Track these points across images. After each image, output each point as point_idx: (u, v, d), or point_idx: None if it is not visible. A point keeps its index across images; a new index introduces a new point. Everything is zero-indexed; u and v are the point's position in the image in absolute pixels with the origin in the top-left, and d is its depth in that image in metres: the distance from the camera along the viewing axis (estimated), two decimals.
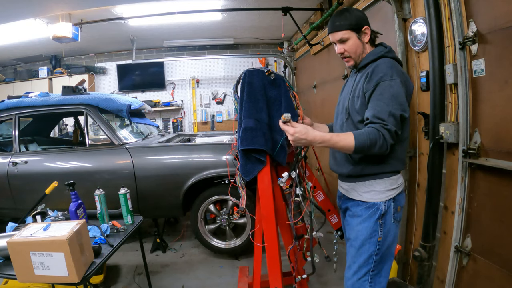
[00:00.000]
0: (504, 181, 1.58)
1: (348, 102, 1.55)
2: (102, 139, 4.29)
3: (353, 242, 1.55)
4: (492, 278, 1.66)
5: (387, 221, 1.49)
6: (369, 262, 1.50)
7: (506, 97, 1.56)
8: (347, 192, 1.61)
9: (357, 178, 1.53)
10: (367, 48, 1.54)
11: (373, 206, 1.49)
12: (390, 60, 1.47)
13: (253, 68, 1.96)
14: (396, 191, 1.51)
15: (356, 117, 1.50)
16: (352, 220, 1.57)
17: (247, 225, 3.02)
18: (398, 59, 1.53)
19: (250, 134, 1.85)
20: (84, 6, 3.79)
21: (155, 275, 2.81)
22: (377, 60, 1.49)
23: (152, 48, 6.28)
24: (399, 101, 1.36)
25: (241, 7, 4.13)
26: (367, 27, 1.51)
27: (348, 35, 1.51)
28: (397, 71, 1.42)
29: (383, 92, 1.37)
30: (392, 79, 1.38)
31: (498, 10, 1.56)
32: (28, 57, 5.92)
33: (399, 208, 1.53)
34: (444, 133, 1.89)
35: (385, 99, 1.36)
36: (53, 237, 1.46)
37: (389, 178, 1.49)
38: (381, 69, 1.41)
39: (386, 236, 1.50)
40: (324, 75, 4.19)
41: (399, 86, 1.38)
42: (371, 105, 1.40)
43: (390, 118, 1.34)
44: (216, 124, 6.40)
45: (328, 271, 2.71)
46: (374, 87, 1.40)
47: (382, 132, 1.33)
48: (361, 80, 1.48)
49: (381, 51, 1.51)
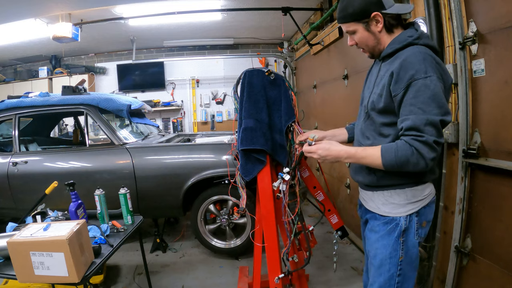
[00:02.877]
0: (504, 181, 1.58)
1: (368, 100, 1.31)
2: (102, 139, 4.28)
3: (372, 260, 1.36)
4: (492, 278, 1.66)
5: (409, 238, 1.28)
6: (391, 283, 1.30)
7: (506, 97, 1.56)
8: (365, 202, 1.42)
9: (375, 188, 1.33)
10: (383, 38, 1.27)
11: (392, 222, 1.28)
12: (420, 48, 1.17)
13: (253, 68, 1.96)
14: (421, 203, 1.27)
15: (378, 118, 1.27)
16: (370, 234, 1.37)
17: (247, 225, 3.02)
18: (432, 45, 1.23)
19: (250, 134, 1.85)
20: (84, 6, 3.79)
21: (155, 275, 2.81)
22: (404, 48, 1.21)
23: (152, 48, 6.28)
24: (438, 104, 1.11)
25: (241, 7, 4.13)
26: (376, 13, 1.21)
27: (353, 28, 1.27)
28: (431, 63, 1.14)
29: (417, 94, 1.12)
30: (427, 76, 1.11)
31: (498, 10, 1.56)
32: (28, 57, 5.92)
33: (425, 223, 1.30)
34: (444, 133, 1.90)
35: (420, 103, 1.11)
36: (53, 237, 1.46)
37: (411, 188, 1.26)
38: (411, 64, 1.14)
39: (408, 254, 1.29)
40: (324, 75, 4.18)
41: (436, 84, 1.11)
42: (403, 112, 1.15)
43: (427, 128, 1.10)
44: (216, 124, 6.40)
45: (328, 271, 2.71)
46: (405, 89, 1.14)
47: (415, 147, 1.10)
48: (386, 75, 1.23)
49: (410, 36, 1.21)
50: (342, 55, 3.49)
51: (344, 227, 2.26)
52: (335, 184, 3.79)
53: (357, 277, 2.62)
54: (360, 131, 1.39)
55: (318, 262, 2.86)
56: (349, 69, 3.32)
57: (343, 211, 3.51)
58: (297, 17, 4.12)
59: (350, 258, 2.94)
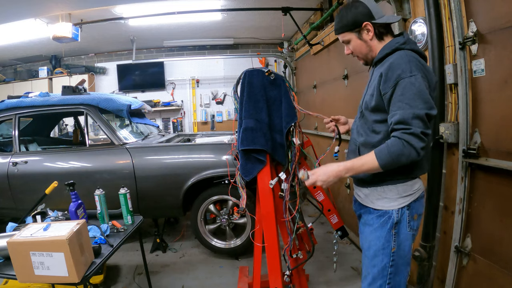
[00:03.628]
0: (504, 181, 1.58)
1: (363, 100, 1.46)
2: (102, 139, 4.28)
3: (366, 252, 1.47)
4: (492, 278, 1.66)
5: (401, 230, 1.38)
6: (384, 274, 1.40)
7: (506, 97, 1.56)
8: (360, 199, 1.53)
9: (370, 184, 1.44)
10: (374, 45, 1.41)
11: (384, 215, 1.39)
12: (406, 52, 1.31)
13: (253, 68, 1.96)
14: (411, 197, 1.38)
15: (371, 116, 1.39)
16: (364, 228, 1.50)
17: (247, 225, 3.02)
18: (418, 50, 1.36)
19: (250, 134, 1.85)
20: (84, 6, 3.79)
21: (155, 275, 2.81)
22: (392, 53, 1.35)
23: (152, 48, 6.28)
24: (423, 99, 1.23)
25: (241, 7, 4.13)
26: (367, 23, 1.37)
27: (348, 37, 1.43)
28: (416, 64, 1.26)
29: (404, 91, 1.24)
30: (412, 75, 1.24)
31: (498, 10, 1.56)
32: (28, 57, 5.92)
33: (416, 216, 1.41)
34: (444, 133, 1.89)
35: (407, 99, 1.23)
36: (53, 237, 1.46)
37: (402, 184, 1.38)
38: (397, 65, 1.27)
39: (400, 246, 1.39)
40: (324, 75, 4.18)
41: (420, 82, 1.23)
42: (392, 108, 1.27)
43: (414, 121, 1.21)
44: (216, 124, 6.40)
45: (328, 271, 2.71)
46: (393, 87, 1.26)
47: (404, 139, 1.21)
48: (376, 77, 1.35)
49: (397, 42, 1.35)
50: (342, 55, 3.48)
51: (344, 227, 2.26)
52: (335, 184, 3.79)
53: (357, 277, 2.62)
54: (356, 129, 1.51)
55: (318, 262, 2.86)
56: (349, 69, 3.32)
57: (343, 211, 3.51)
58: (297, 17, 4.12)
59: (350, 258, 2.94)
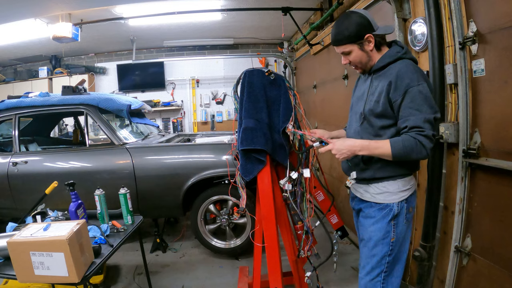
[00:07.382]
0: (504, 181, 1.59)
1: (364, 107, 1.52)
2: (102, 139, 4.28)
3: (366, 243, 1.57)
4: (492, 278, 1.66)
5: (399, 222, 1.50)
6: (382, 263, 1.51)
7: (506, 97, 1.56)
8: (360, 194, 1.61)
9: (370, 181, 1.54)
10: (373, 55, 1.50)
11: (386, 207, 1.50)
12: (409, 62, 1.44)
13: (253, 68, 1.96)
14: (409, 192, 1.51)
15: (376, 122, 1.48)
16: (365, 221, 1.58)
17: (247, 225, 3.02)
18: (415, 59, 1.50)
19: (250, 134, 1.85)
20: (84, 6, 3.79)
21: (155, 275, 2.81)
22: (394, 62, 1.45)
23: (152, 48, 6.28)
24: (429, 105, 1.36)
25: (241, 7, 4.13)
26: (369, 35, 1.45)
27: (349, 48, 1.48)
28: (421, 74, 1.40)
29: (414, 99, 1.36)
30: (419, 83, 1.36)
31: (498, 10, 1.56)
32: (28, 57, 5.92)
33: (411, 208, 1.54)
34: (444, 133, 1.89)
35: (417, 105, 1.35)
36: (53, 237, 1.46)
37: (401, 179, 1.49)
38: (405, 74, 1.38)
39: (398, 236, 1.51)
40: (324, 75, 4.18)
41: (426, 90, 1.37)
42: (403, 114, 1.38)
43: (425, 124, 1.34)
44: (216, 124, 6.40)
45: (328, 271, 2.71)
46: (403, 95, 1.37)
47: (418, 139, 1.34)
48: (380, 85, 1.45)
49: (398, 52, 1.47)
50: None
51: (344, 227, 2.27)
52: (335, 184, 3.80)
53: (357, 277, 2.61)
54: (355, 133, 1.57)
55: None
56: (349, 69, 3.32)
57: (343, 211, 3.51)
58: (297, 17, 4.12)
59: (350, 258, 2.94)
